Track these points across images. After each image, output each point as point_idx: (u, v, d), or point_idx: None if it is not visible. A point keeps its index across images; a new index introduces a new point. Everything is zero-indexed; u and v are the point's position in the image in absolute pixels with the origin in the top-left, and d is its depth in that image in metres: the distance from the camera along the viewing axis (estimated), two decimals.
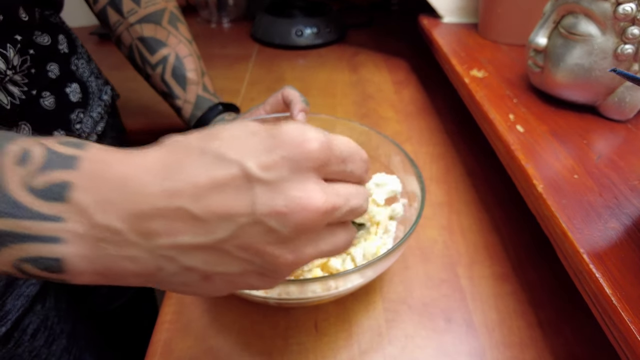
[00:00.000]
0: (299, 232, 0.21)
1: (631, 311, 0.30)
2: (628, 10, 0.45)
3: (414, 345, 0.40)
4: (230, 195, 0.19)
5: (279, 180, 0.20)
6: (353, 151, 0.23)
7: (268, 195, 0.20)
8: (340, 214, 0.22)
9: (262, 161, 0.20)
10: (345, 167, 0.23)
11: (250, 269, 0.21)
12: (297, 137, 0.20)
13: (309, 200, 0.20)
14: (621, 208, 0.39)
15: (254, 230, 0.20)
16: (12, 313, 0.45)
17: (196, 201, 0.19)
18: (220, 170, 0.19)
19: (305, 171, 0.20)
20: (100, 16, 0.58)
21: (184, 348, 0.39)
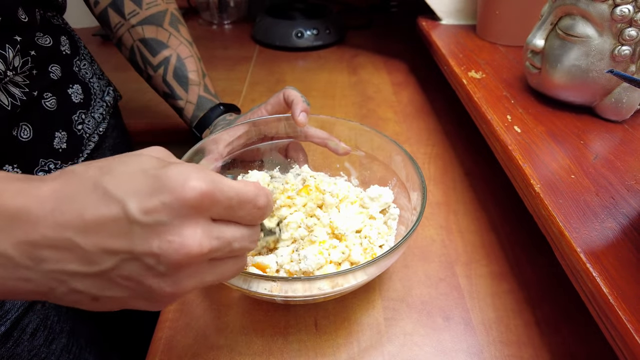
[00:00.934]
0: (175, 270, 0.23)
1: (628, 310, 0.30)
2: (625, 12, 0.45)
3: (412, 343, 0.40)
4: (112, 233, 0.22)
5: (156, 224, 0.22)
6: (244, 199, 0.25)
7: (145, 237, 0.22)
8: (222, 254, 0.25)
9: (143, 205, 0.21)
10: (233, 213, 0.25)
11: (135, 294, 0.23)
12: (179, 183, 0.22)
13: (182, 245, 0.22)
14: (618, 208, 0.39)
15: (134, 265, 0.22)
16: (12, 312, 0.46)
17: (82, 234, 0.21)
18: (104, 208, 0.21)
19: (183, 217, 0.22)
20: (101, 18, 0.58)
21: (186, 346, 0.40)
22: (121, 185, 0.22)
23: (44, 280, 0.22)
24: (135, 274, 0.22)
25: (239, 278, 0.35)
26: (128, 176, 0.22)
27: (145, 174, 0.22)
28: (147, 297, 0.24)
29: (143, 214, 0.21)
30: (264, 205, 0.26)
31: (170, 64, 0.58)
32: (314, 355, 0.39)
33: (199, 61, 0.61)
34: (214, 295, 0.44)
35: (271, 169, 0.52)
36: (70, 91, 0.52)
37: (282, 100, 0.50)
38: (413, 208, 0.42)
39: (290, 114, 0.48)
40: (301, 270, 0.40)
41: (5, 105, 0.42)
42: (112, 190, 0.22)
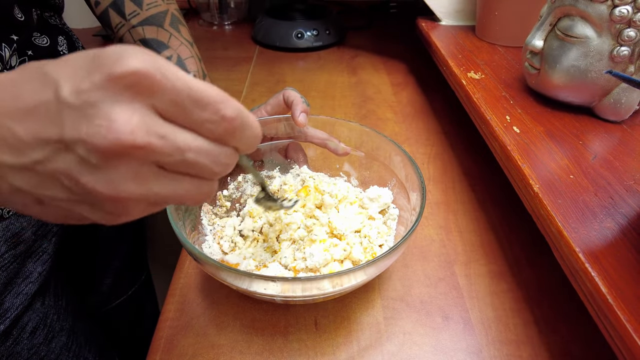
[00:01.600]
0: (107, 161, 0.19)
1: (627, 309, 0.30)
2: (624, 13, 0.45)
3: (412, 342, 0.40)
4: (43, 118, 0.19)
5: (86, 106, 0.19)
6: (200, 98, 0.20)
7: (75, 121, 0.19)
8: (171, 161, 0.21)
9: (74, 85, 0.19)
10: (189, 113, 0.21)
11: (75, 198, 0.21)
12: (112, 60, 0.19)
13: (109, 129, 0.19)
14: (616, 208, 0.39)
15: (67, 158, 0.20)
16: (11, 311, 0.46)
17: (16, 120, 0.19)
18: (39, 92, 0.19)
19: (114, 97, 0.19)
20: (102, 18, 0.58)
21: (186, 345, 0.40)
22: (59, 68, 0.20)
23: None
24: (69, 169, 0.20)
25: (238, 277, 0.35)
26: (70, 59, 0.20)
27: (86, 54, 0.20)
28: (88, 201, 0.21)
29: (73, 95, 0.19)
30: (232, 116, 0.21)
31: None
32: (313, 354, 0.39)
33: (199, 62, 0.61)
34: (214, 295, 0.44)
35: (271, 170, 0.53)
36: None
37: (281, 101, 0.50)
38: (412, 208, 0.43)
39: (290, 115, 0.48)
40: (308, 267, 0.40)
41: None
42: (50, 73, 0.19)
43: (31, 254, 0.49)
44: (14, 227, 0.47)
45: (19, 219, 0.47)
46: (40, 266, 0.50)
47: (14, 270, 0.47)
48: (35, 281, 0.49)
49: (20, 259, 0.48)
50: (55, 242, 0.53)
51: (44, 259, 0.51)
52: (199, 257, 0.35)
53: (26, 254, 0.48)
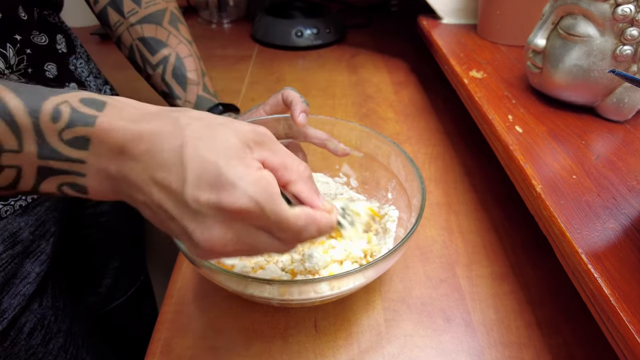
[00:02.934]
0: (202, 251, 0.26)
1: (629, 311, 0.30)
2: (627, 12, 0.45)
3: (413, 345, 0.40)
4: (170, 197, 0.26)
5: (197, 213, 0.25)
6: (287, 228, 0.27)
7: (187, 215, 0.25)
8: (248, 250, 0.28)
9: (195, 193, 0.25)
10: (273, 231, 0.27)
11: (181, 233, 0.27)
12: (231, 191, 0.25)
13: (208, 240, 0.26)
14: (619, 208, 0.39)
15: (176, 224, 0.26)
16: (9, 312, 0.45)
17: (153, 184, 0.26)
18: (172, 176, 0.25)
19: (220, 217, 0.25)
20: (101, 16, 0.58)
21: (184, 347, 0.39)
22: (192, 164, 0.25)
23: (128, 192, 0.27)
24: (176, 229, 0.26)
25: (233, 280, 0.34)
26: (203, 157, 0.25)
27: (216, 164, 0.25)
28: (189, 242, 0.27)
29: (191, 200, 0.25)
30: (306, 238, 0.28)
31: (169, 63, 0.58)
32: (313, 356, 0.39)
33: (198, 60, 0.60)
34: (213, 296, 0.44)
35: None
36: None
37: (281, 100, 0.50)
38: (412, 210, 0.42)
39: (289, 115, 0.48)
40: (307, 269, 0.40)
41: None
42: (185, 162, 0.25)
43: (29, 254, 0.49)
44: (11, 227, 0.46)
45: (17, 218, 0.47)
46: (38, 267, 0.50)
47: (11, 270, 0.46)
48: (33, 282, 0.49)
49: (18, 259, 0.47)
50: (53, 242, 0.52)
51: (42, 260, 0.50)
52: (194, 259, 0.35)
53: (24, 254, 0.48)
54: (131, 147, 0.26)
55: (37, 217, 0.49)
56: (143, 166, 0.26)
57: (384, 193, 0.49)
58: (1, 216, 0.45)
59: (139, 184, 0.26)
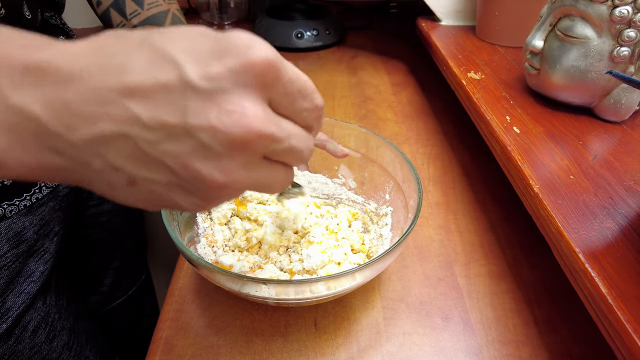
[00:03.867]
0: (232, 151, 0.19)
1: (627, 310, 0.30)
2: (624, 13, 0.45)
3: (411, 343, 0.40)
4: (162, 100, 0.18)
5: (217, 91, 0.18)
6: (308, 88, 0.22)
7: (202, 106, 0.18)
8: (279, 149, 0.21)
9: (204, 69, 0.18)
10: (294, 102, 0.21)
11: (176, 181, 0.20)
12: (245, 45, 0.19)
13: (245, 118, 0.19)
14: (616, 208, 0.39)
15: (184, 143, 0.19)
16: (13, 310, 0.46)
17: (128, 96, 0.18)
18: (155, 71, 0.18)
19: (247, 86, 0.19)
20: (103, 18, 0.58)
21: (185, 346, 0.40)
22: (175, 45, 0.18)
23: (78, 153, 0.18)
24: (183, 153, 0.19)
25: (230, 279, 0.34)
26: (183, 37, 0.19)
27: (203, 36, 0.19)
28: (189, 188, 0.20)
29: (202, 79, 0.18)
30: (321, 105, 0.23)
31: None
32: (313, 355, 0.39)
33: None
34: (214, 295, 0.44)
35: None
36: None
37: None
38: (409, 210, 0.42)
39: None
40: (304, 269, 0.40)
41: None
42: (165, 49, 0.18)
43: (33, 253, 0.49)
44: (16, 226, 0.47)
45: (21, 218, 0.47)
46: (42, 265, 0.50)
47: (16, 269, 0.47)
48: (37, 280, 0.49)
49: (22, 258, 0.48)
50: (57, 242, 0.53)
51: (45, 258, 0.51)
52: (192, 259, 0.35)
53: (28, 253, 0.48)
54: (60, 65, 0.17)
55: (41, 216, 0.50)
56: (92, 83, 0.17)
57: (382, 194, 0.50)
58: (6, 216, 0.45)
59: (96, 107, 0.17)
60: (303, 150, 0.23)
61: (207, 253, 0.43)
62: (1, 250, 0.45)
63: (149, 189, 0.20)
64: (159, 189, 0.20)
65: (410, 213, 0.41)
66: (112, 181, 0.20)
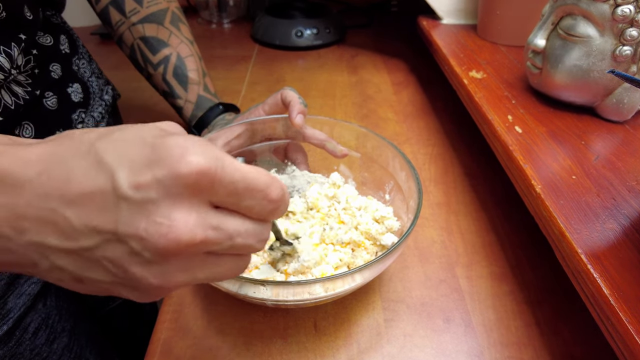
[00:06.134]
0: (162, 259, 0.20)
1: (629, 311, 0.30)
2: (627, 12, 0.45)
3: (412, 345, 0.40)
4: (97, 207, 0.19)
5: (145, 202, 0.19)
6: (253, 186, 0.21)
7: (132, 216, 0.19)
8: (220, 248, 0.21)
9: (133, 178, 0.19)
10: (242, 201, 0.21)
11: (119, 281, 0.21)
12: (176, 156, 0.19)
13: (171, 229, 0.19)
14: (619, 209, 0.39)
15: (118, 248, 0.20)
16: (14, 311, 0.46)
17: (66, 205, 0.19)
18: (93, 178, 0.19)
19: (177, 195, 0.19)
20: (102, 15, 0.58)
21: (184, 347, 0.40)
22: (114, 153, 0.19)
23: (26, 252, 0.20)
24: (118, 258, 0.20)
25: (228, 281, 0.34)
26: (124, 143, 0.20)
27: (143, 142, 0.20)
28: (131, 286, 0.21)
29: (132, 189, 0.19)
30: (277, 198, 0.22)
31: (170, 63, 0.58)
32: (313, 356, 0.39)
33: (199, 60, 0.60)
34: (212, 297, 0.44)
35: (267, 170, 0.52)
36: (70, 90, 0.52)
37: (279, 100, 0.50)
38: (409, 211, 0.42)
39: (288, 115, 0.48)
40: (297, 269, 0.40)
41: (9, 105, 0.42)
42: (104, 158, 0.19)
43: None
44: None
45: None
46: None
47: None
48: (38, 282, 0.49)
49: None
50: None
51: None
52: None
53: None
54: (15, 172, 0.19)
55: None
56: (40, 190, 0.19)
57: (382, 194, 0.49)
58: None
59: (39, 215, 0.19)
60: (252, 244, 0.23)
61: None
62: None
63: (96, 286, 0.21)
64: (104, 285, 0.21)
65: (411, 213, 0.41)
66: (60, 278, 0.21)
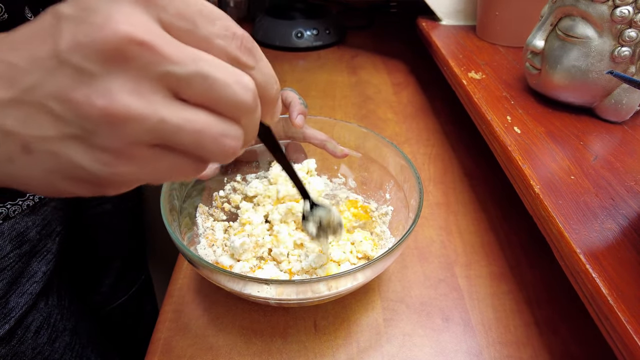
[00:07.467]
0: (106, 66, 0.17)
1: (627, 311, 0.30)
2: (625, 13, 0.45)
3: (411, 344, 0.40)
4: (36, 37, 0.17)
5: (85, 11, 0.17)
6: (214, 12, 0.19)
7: (72, 30, 0.17)
8: (181, 74, 0.18)
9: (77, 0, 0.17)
10: (198, 27, 0.18)
11: (67, 130, 0.18)
12: None
13: (108, 19, 0.16)
14: (617, 209, 0.39)
15: (59, 75, 0.17)
16: (16, 310, 0.46)
17: (12, 50, 0.18)
18: (41, 21, 0.18)
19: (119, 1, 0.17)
20: None
21: (184, 346, 0.40)
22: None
23: None
24: (60, 87, 0.17)
25: (231, 279, 0.34)
26: None
27: None
28: (82, 133, 0.18)
29: (71, 7, 0.17)
30: (242, 34, 0.19)
31: None
32: (313, 356, 0.39)
33: None
34: (213, 296, 0.44)
35: (267, 170, 0.52)
36: None
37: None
38: (410, 210, 0.42)
39: (288, 116, 0.48)
40: (303, 269, 0.40)
41: None
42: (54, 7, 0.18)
43: (35, 253, 0.49)
44: (19, 227, 0.47)
45: (24, 218, 0.47)
46: (45, 266, 0.50)
47: (18, 269, 0.47)
48: (40, 281, 0.49)
49: (25, 258, 0.48)
50: (59, 242, 0.53)
51: (48, 259, 0.51)
52: (192, 259, 0.35)
53: (31, 254, 0.48)
54: None
55: (43, 216, 0.50)
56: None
57: (382, 194, 0.50)
58: (9, 216, 0.45)
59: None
60: (228, 84, 0.18)
61: (208, 254, 0.43)
62: (4, 250, 0.45)
63: (47, 150, 0.18)
64: (55, 147, 0.18)
65: (411, 212, 0.41)
66: (8, 153, 0.18)
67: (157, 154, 0.19)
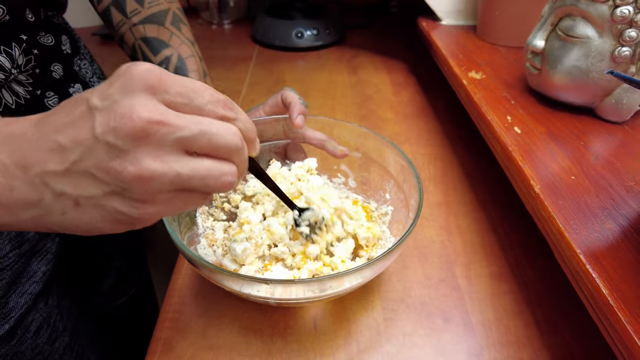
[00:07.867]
0: (133, 143, 0.23)
1: (627, 311, 0.30)
2: (625, 13, 0.45)
3: (411, 344, 0.40)
4: (78, 125, 0.24)
5: (112, 104, 0.23)
6: (203, 89, 0.25)
7: (104, 118, 0.23)
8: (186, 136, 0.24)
9: (101, 92, 0.24)
10: (193, 100, 0.25)
11: (108, 189, 0.24)
12: (127, 66, 0.24)
13: (132, 110, 0.23)
14: (617, 209, 0.39)
15: (98, 151, 0.23)
16: (16, 310, 0.46)
17: (59, 133, 0.24)
18: (75, 109, 0.24)
19: (134, 91, 0.23)
20: (104, 16, 0.58)
21: (184, 346, 0.40)
22: (92, 91, 0.24)
23: (32, 187, 0.24)
24: (100, 160, 0.23)
25: (231, 279, 0.34)
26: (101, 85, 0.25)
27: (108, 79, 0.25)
28: (119, 191, 0.24)
29: (100, 99, 0.23)
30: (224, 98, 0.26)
31: (171, 64, 0.58)
32: (313, 355, 0.39)
33: (200, 61, 0.61)
34: (213, 296, 0.44)
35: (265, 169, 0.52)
36: (72, 90, 0.52)
37: (280, 101, 0.50)
38: (410, 210, 0.42)
39: (288, 116, 0.48)
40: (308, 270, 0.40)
41: (10, 104, 0.42)
42: (83, 96, 0.24)
43: (35, 253, 0.49)
44: None
45: None
46: (45, 266, 0.50)
47: (18, 269, 0.47)
48: (40, 281, 0.49)
49: (25, 258, 0.47)
50: (58, 241, 0.53)
51: (48, 259, 0.51)
52: (192, 259, 0.35)
53: (30, 253, 0.48)
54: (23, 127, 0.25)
55: None
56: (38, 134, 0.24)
57: (382, 193, 0.50)
58: None
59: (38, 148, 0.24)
60: (222, 134, 0.25)
61: (208, 254, 0.43)
62: (4, 250, 0.45)
63: (93, 205, 0.25)
64: (100, 202, 0.24)
65: (411, 212, 0.41)
66: (62, 208, 0.25)
67: (175, 196, 0.25)
